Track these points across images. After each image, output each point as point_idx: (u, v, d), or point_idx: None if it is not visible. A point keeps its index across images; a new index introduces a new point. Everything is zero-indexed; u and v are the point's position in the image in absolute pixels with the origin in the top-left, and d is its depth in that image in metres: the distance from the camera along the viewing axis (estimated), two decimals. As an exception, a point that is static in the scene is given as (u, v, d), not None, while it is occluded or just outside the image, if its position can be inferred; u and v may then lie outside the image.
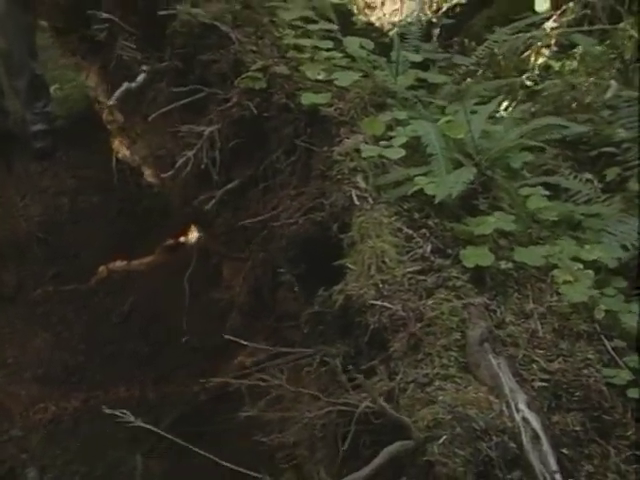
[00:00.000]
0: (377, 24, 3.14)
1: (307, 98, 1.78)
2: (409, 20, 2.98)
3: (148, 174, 2.78)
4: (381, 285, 1.54)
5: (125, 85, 1.93)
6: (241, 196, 1.92)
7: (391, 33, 2.90)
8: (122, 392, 3.30)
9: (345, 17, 2.67)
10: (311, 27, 2.04)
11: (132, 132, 2.61)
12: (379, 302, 1.53)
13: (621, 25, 2.36)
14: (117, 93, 1.93)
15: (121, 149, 2.98)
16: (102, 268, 3.90)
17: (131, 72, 2.04)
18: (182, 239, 4.04)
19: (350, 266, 1.59)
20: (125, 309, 3.75)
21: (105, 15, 1.97)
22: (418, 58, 2.01)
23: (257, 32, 2.00)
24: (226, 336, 1.61)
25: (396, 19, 3.31)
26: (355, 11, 3.09)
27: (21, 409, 3.24)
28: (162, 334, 3.62)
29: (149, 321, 3.69)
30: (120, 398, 3.27)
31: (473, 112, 1.80)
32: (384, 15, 3.42)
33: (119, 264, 3.95)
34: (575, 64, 2.40)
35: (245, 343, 1.62)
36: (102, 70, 2.41)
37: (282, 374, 1.47)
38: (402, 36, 2.25)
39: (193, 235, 3.86)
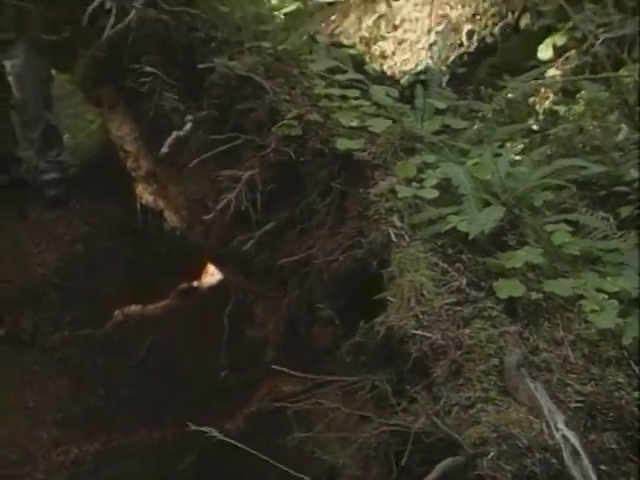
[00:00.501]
0: (389, 72, 3.31)
1: (342, 143, 1.91)
2: (420, 68, 3.14)
3: (173, 219, 2.89)
4: (421, 316, 1.65)
5: (175, 133, 2.05)
6: (278, 237, 2.03)
7: (403, 80, 3.07)
8: (142, 434, 3.35)
9: (359, 66, 2.82)
10: (338, 77, 2.18)
11: (160, 178, 2.72)
12: (420, 332, 1.63)
13: (623, 71, 2.52)
14: (168, 141, 2.05)
15: (144, 195, 3.09)
16: (117, 312, 3.99)
17: (170, 122, 2.17)
18: (196, 283, 4.15)
19: (390, 299, 1.70)
20: (142, 352, 3.83)
21: (149, 69, 2.10)
22: (442, 105, 2.15)
23: (289, 82, 2.14)
24: (274, 366, 1.70)
25: (407, 68, 3.48)
26: (368, 60, 3.25)
27: (43, 452, 3.28)
28: (179, 376, 3.69)
29: (166, 364, 3.77)
30: (140, 440, 3.33)
31: (496, 155, 1.94)
32: (395, 64, 3.59)
33: (134, 308, 4.04)
34: (581, 109, 2.55)
35: (292, 372, 1.70)
36: (135, 120, 2.53)
37: (335, 398, 1.56)
38: (422, 83, 2.39)
39: (212, 278, 3.98)
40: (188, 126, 2.05)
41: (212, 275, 4.18)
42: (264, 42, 2.19)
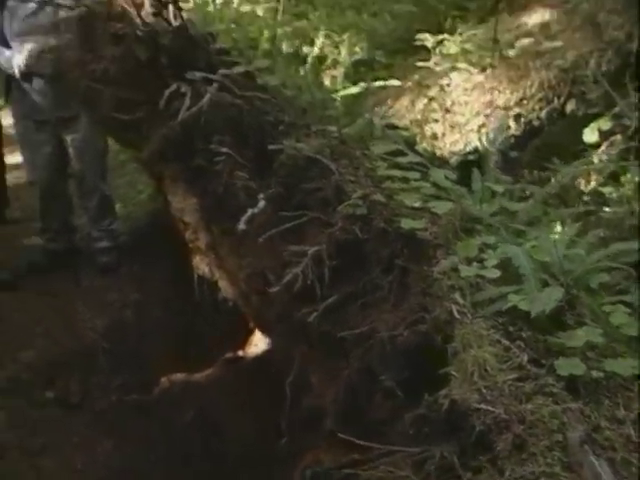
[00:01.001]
0: (439, 153, 3.44)
1: (406, 223, 2.02)
2: (469, 149, 3.27)
3: (228, 290, 2.99)
4: (484, 390, 1.72)
5: (250, 211, 2.18)
6: (341, 310, 2.12)
7: (452, 160, 3.20)
8: (187, 498, 3.39)
9: (412, 147, 2.96)
10: (399, 160, 2.30)
11: (219, 251, 2.84)
12: (483, 406, 1.69)
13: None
14: (244, 218, 2.17)
15: (201, 265, 3.21)
16: (164, 379, 4.07)
17: (237, 199, 2.30)
18: (241, 353, 4.24)
19: (454, 373, 1.77)
20: (186, 419, 3.89)
21: (223, 149, 2.24)
22: (499, 188, 2.26)
23: (353, 164, 2.27)
24: (340, 435, 1.77)
25: (456, 149, 3.62)
26: (420, 141, 3.39)
27: (91, 513, 3.33)
28: (223, 444, 3.74)
29: (210, 431, 3.82)
30: (185, 505, 3.37)
31: (551, 237, 2.04)
32: (445, 145, 3.74)
33: (180, 376, 4.12)
34: (629, 192, 2.64)
35: (357, 441, 1.76)
36: (199, 195, 2.66)
37: (404, 467, 1.62)
38: (472, 164, 2.51)
39: (256, 348, 4.06)
40: (261, 204, 2.17)
41: (256, 345, 4.27)
42: (329, 126, 2.33)
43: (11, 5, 4.12)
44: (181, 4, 2.63)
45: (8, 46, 4.19)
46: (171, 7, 2.59)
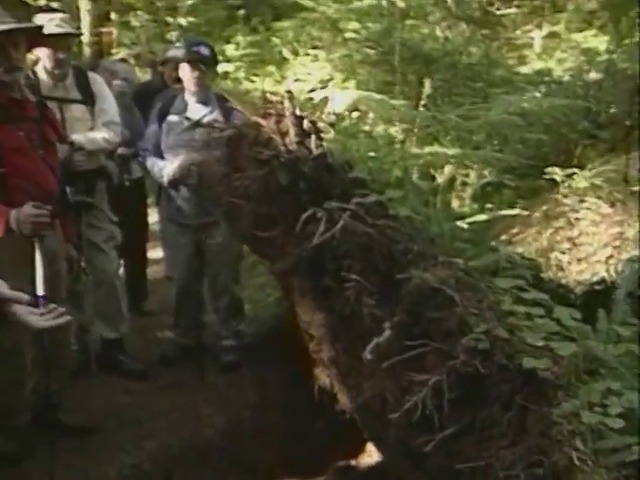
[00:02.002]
0: (564, 281, 3.43)
1: (528, 362, 2.04)
2: (595, 280, 3.24)
3: (348, 405, 3.06)
4: None
5: (375, 340, 2.27)
6: (457, 442, 2.14)
7: (577, 289, 3.18)
8: None
9: (537, 275, 2.97)
10: (525, 295, 2.34)
11: (341, 367, 2.93)
12: None
13: None
14: (370, 347, 2.27)
15: (321, 376, 3.30)
16: (277, 483, 4.13)
17: (363, 322, 2.40)
18: (354, 462, 4.24)
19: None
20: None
21: (353, 275, 2.37)
22: (625, 332, 2.24)
23: (477, 296, 2.33)
24: None
25: (581, 278, 3.59)
26: (545, 269, 3.40)
27: None
28: None
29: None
30: None
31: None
32: (570, 273, 3.72)
33: (292, 481, 4.17)
34: None
35: None
36: (326, 312, 2.78)
37: None
38: (599, 294, 2.49)
39: (370, 459, 4.06)
40: (387, 333, 2.26)
41: (370, 456, 4.27)
42: (455, 258, 2.42)
43: (171, 120, 4.57)
44: (322, 134, 2.84)
45: (162, 157, 4.61)
46: (313, 137, 2.80)
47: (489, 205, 3.88)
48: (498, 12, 8.28)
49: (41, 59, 4.36)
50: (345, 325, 2.63)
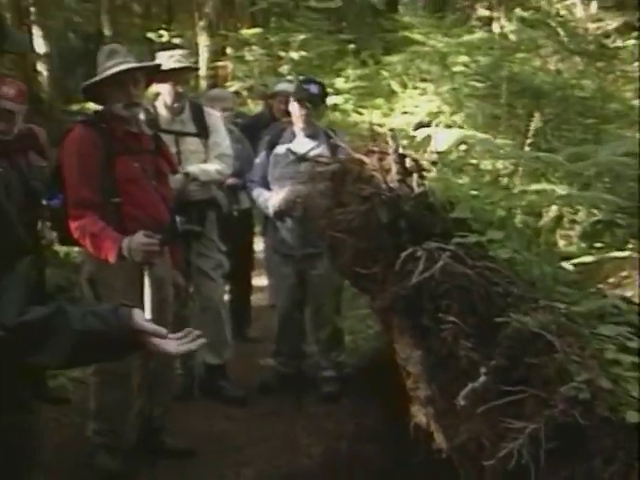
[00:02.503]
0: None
1: (632, 416, 1.96)
2: None
3: (444, 445, 3.01)
4: None
5: (470, 385, 2.24)
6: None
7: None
8: None
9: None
10: (631, 344, 2.25)
11: (437, 406, 2.90)
12: None
13: None
14: (463, 393, 2.25)
15: (418, 415, 3.27)
16: (371, 518, 4.10)
17: (459, 364, 2.37)
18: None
19: None
20: None
21: (451, 318, 2.36)
22: None
23: (579, 343, 2.25)
24: None
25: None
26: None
27: None
28: None
29: None
30: None
31: None
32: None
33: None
34: None
35: None
36: (424, 350, 2.77)
37: None
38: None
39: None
40: (482, 379, 2.22)
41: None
42: (558, 302, 2.36)
43: (278, 153, 4.71)
44: (425, 172, 2.85)
45: (268, 188, 4.74)
46: (415, 175, 2.82)
47: (598, 244, 3.75)
48: (614, 45, 8.06)
49: (161, 94, 4.61)
50: (442, 366, 2.60)
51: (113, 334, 1.82)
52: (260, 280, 6.41)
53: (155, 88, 4.66)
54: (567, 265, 2.91)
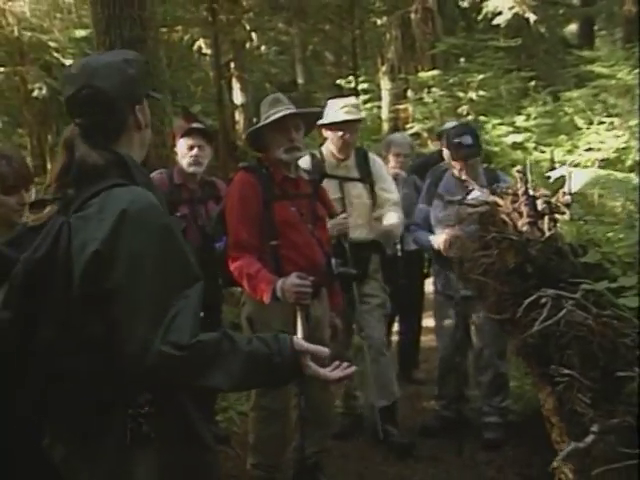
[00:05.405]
0: None
1: None
2: None
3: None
4: None
5: (572, 444, 2.13)
6: None
7: None
8: None
9: None
10: None
11: (574, 461, 2.74)
12: None
13: None
14: (564, 452, 2.13)
15: (564, 469, 3.11)
16: None
17: (580, 420, 2.24)
18: None
19: None
20: None
21: (566, 371, 2.25)
22: None
23: None
24: None
25: None
26: None
27: None
28: None
29: None
30: None
31: None
32: None
33: None
34: None
35: None
36: (557, 401, 2.64)
37: None
38: None
39: None
40: (589, 438, 2.09)
41: None
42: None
43: (439, 195, 4.74)
44: (557, 215, 2.74)
45: (431, 230, 4.77)
46: (547, 218, 2.73)
47: None
48: None
49: (329, 139, 4.81)
50: (567, 418, 2.48)
51: (275, 357, 1.89)
52: (431, 321, 6.37)
53: (324, 133, 4.85)
54: None
